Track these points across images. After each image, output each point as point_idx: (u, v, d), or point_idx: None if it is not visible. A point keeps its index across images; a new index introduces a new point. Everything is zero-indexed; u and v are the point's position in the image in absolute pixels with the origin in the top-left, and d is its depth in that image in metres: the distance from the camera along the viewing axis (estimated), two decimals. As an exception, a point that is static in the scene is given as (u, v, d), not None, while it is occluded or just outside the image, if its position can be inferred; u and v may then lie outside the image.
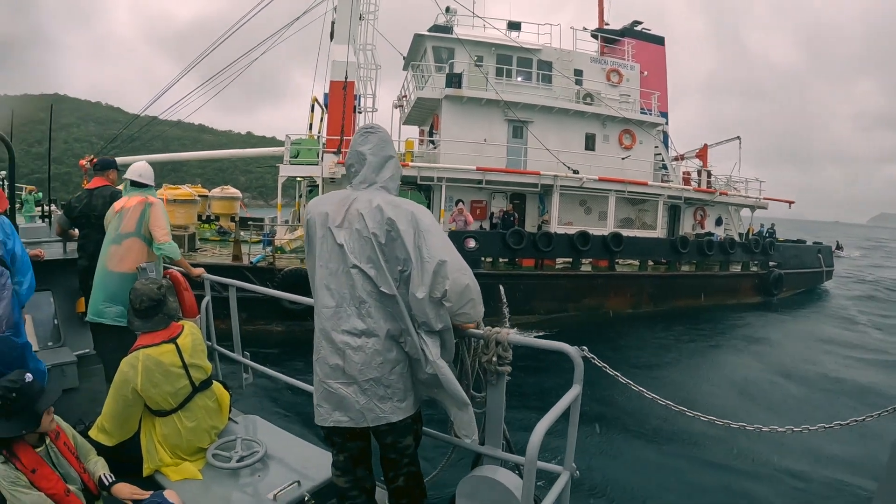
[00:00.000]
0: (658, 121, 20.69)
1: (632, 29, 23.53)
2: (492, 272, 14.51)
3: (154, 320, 3.00)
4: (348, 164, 2.33)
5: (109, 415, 2.89)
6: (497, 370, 2.26)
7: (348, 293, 2.14)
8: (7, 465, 2.21)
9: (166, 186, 16.59)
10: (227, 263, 13.32)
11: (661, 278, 17.17)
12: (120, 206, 3.99)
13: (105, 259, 3.91)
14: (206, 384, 3.13)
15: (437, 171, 16.03)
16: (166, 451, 2.91)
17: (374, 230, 2.11)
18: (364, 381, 2.10)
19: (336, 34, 16.69)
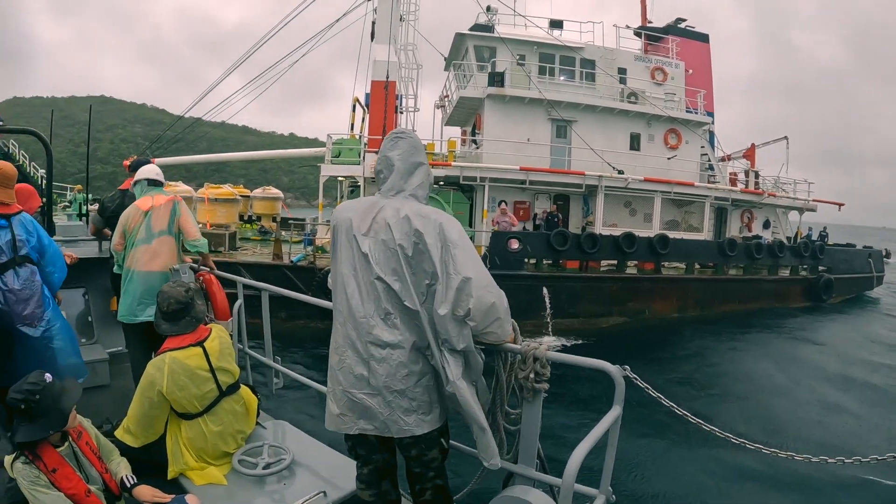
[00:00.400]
0: (704, 120, 20.08)
1: (675, 26, 22.95)
2: (535, 274, 14.24)
3: (181, 323, 2.97)
4: (377, 170, 2.26)
5: (135, 417, 2.88)
6: (534, 387, 2.16)
7: (373, 304, 2.08)
8: (28, 465, 2.20)
9: (208, 186, 16.82)
10: (268, 262, 13.39)
11: (707, 282, 16.63)
12: (148, 206, 3.97)
13: (135, 259, 3.90)
14: (234, 388, 3.08)
15: (479, 172, 15.81)
16: (191, 454, 2.88)
17: (401, 241, 2.04)
18: (389, 393, 2.05)
19: (376, 34, 16.65)
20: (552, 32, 18.97)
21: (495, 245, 13.67)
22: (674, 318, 15.70)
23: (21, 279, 3.20)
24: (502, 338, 2.15)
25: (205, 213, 15.81)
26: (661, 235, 15.55)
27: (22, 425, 2.22)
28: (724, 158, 22.58)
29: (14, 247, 3.19)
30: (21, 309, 3.17)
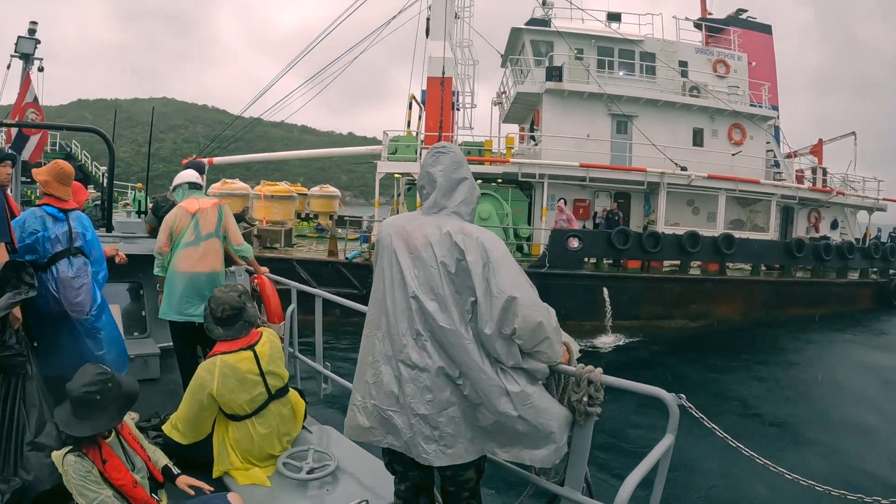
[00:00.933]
0: (770, 114, 19.21)
1: (737, 17, 22.06)
2: (595, 273, 13.87)
3: (234, 328, 2.99)
4: (420, 186, 2.23)
5: (184, 417, 2.94)
6: (587, 410, 2.12)
7: (406, 323, 2.06)
8: (82, 458, 2.20)
9: (264, 183, 17.06)
10: (322, 259, 13.44)
11: (773, 284, 15.87)
12: (195, 208, 4.04)
13: (182, 260, 3.97)
14: (283, 392, 3.10)
15: (538, 169, 15.48)
16: (237, 455, 2.91)
17: (443, 259, 2.01)
18: (412, 415, 2.02)
19: (431, 30, 16.53)
20: (610, 25, 18.48)
21: (554, 244, 13.35)
22: (738, 321, 15.03)
23: (74, 268, 3.36)
24: (553, 358, 2.08)
25: (261, 210, 16.04)
26: (725, 235, 14.90)
27: (90, 417, 2.23)
28: (790, 155, 21.58)
29: (70, 238, 3.39)
30: (73, 296, 3.31)
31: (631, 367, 11.61)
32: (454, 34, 16.70)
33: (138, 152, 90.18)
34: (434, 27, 16.34)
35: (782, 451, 7.41)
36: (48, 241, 3.31)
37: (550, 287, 13.29)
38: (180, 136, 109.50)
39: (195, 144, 21.25)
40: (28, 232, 3.28)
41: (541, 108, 17.13)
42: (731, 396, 9.90)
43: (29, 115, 12.24)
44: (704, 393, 9.91)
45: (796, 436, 8.40)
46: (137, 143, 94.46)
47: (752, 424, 8.64)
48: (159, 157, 69.44)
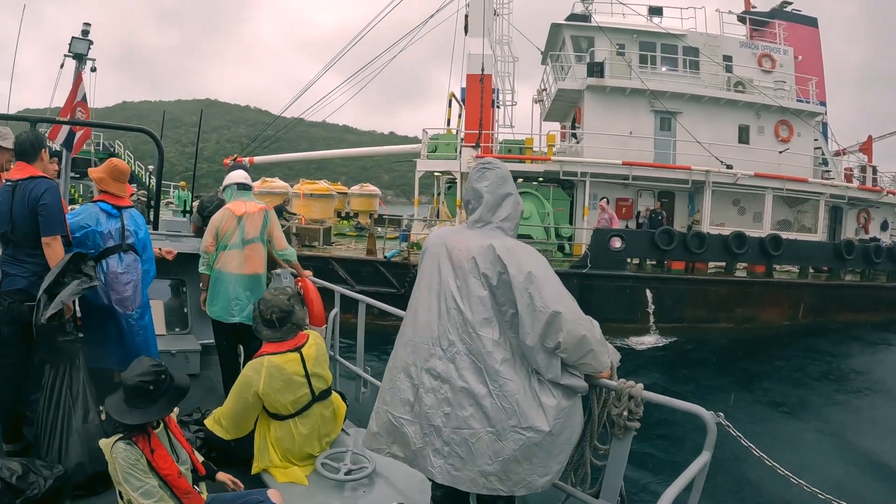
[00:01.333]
0: (817, 110, 18.55)
1: (781, 10, 21.32)
2: (638, 274, 13.54)
3: (283, 330, 3.05)
4: (465, 201, 2.27)
5: (228, 413, 3.01)
6: (626, 425, 2.16)
7: (438, 332, 2.08)
8: (131, 446, 2.25)
9: (303, 182, 17.11)
10: (361, 257, 13.39)
11: (822, 288, 15.27)
12: (242, 211, 4.08)
13: (227, 262, 4.04)
14: (326, 394, 3.16)
15: (580, 167, 15.20)
16: (277, 453, 2.96)
17: (486, 271, 2.03)
18: (427, 425, 2.03)
19: (470, 27, 16.35)
20: (651, 19, 18.05)
21: (596, 243, 13.08)
22: (784, 326, 14.54)
23: (124, 264, 3.45)
24: (598, 369, 2.11)
25: (300, 209, 16.10)
26: (773, 236, 14.39)
27: (143, 407, 2.30)
28: (838, 153, 20.84)
29: (122, 235, 3.47)
30: (121, 291, 3.41)
31: (672, 370, 11.35)
32: (493, 31, 16.48)
33: (182, 153, 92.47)
34: (472, 24, 16.16)
35: (825, 465, 7.16)
36: (99, 236, 3.40)
37: (592, 288, 13.08)
38: (223, 136, 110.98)
39: (237, 144, 21.58)
40: (79, 226, 3.37)
41: (582, 104, 16.82)
42: (773, 404, 9.57)
43: (78, 114, 12.60)
44: (747, 400, 9.66)
45: (840, 449, 7.99)
46: (181, 144, 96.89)
47: (793, 433, 8.36)
48: (203, 157, 70.70)
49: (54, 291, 2.89)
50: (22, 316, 2.98)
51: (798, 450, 7.49)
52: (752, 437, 2.27)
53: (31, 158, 3.15)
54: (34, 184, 3.03)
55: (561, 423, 1.99)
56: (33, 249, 3.05)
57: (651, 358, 12.07)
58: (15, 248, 3.08)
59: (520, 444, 1.94)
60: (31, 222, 3.00)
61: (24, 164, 3.14)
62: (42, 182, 3.06)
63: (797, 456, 6.88)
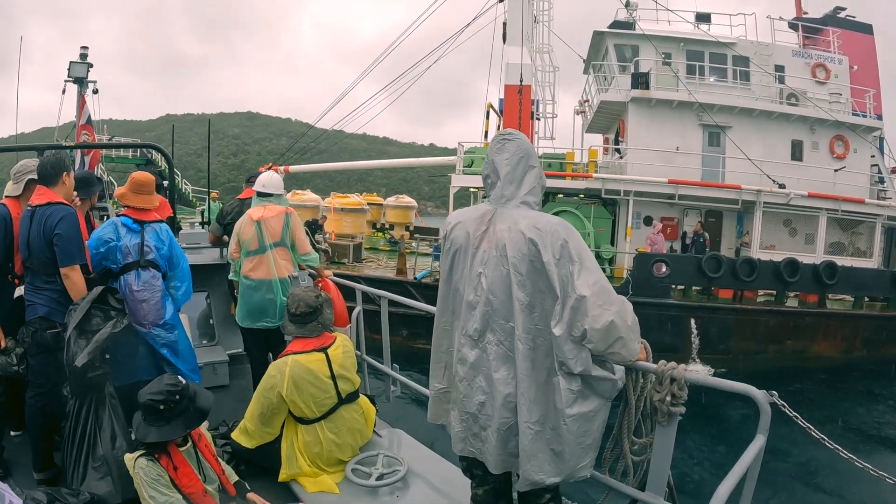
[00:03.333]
0: (876, 124, 17.43)
1: (834, 16, 20.06)
2: (683, 303, 12.74)
3: (308, 327, 3.01)
4: (484, 175, 2.16)
5: (253, 416, 2.94)
6: (670, 410, 2.02)
7: (468, 322, 2.02)
8: (153, 462, 2.28)
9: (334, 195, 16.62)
10: (390, 277, 12.81)
11: (879, 319, 14.25)
12: (258, 216, 4.06)
13: (248, 267, 4.03)
14: (353, 397, 3.09)
15: (623, 184, 14.37)
16: (306, 459, 2.87)
17: (514, 259, 1.93)
18: (466, 413, 2.04)
19: (508, 35, 15.58)
20: (699, 27, 17.06)
21: (640, 268, 12.33)
22: (838, 360, 13.65)
23: (141, 280, 3.36)
24: (629, 358, 1.99)
25: (331, 223, 15.58)
26: (828, 263, 13.44)
27: (156, 425, 2.33)
28: (895, 170, 19.62)
29: (141, 250, 3.39)
30: (136, 308, 3.32)
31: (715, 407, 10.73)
32: (533, 39, 15.69)
33: (225, 164, 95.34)
34: (511, 32, 15.39)
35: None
36: (119, 252, 3.36)
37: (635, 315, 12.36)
38: (265, 147, 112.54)
39: (279, 156, 21.50)
40: (102, 241, 3.36)
41: (626, 117, 15.94)
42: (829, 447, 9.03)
43: (84, 137, 12.64)
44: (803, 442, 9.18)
45: None
46: (224, 156, 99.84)
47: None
48: (245, 168, 72.62)
49: (84, 328, 2.85)
50: (45, 343, 2.99)
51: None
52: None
53: (51, 182, 3.09)
54: (51, 211, 2.98)
55: (577, 429, 1.91)
56: (50, 276, 3.04)
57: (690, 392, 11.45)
58: (33, 275, 3.08)
59: (529, 439, 1.91)
60: (47, 250, 2.98)
61: (45, 188, 3.08)
62: (59, 209, 3.00)
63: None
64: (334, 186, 24.85)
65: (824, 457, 1.87)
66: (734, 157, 15.14)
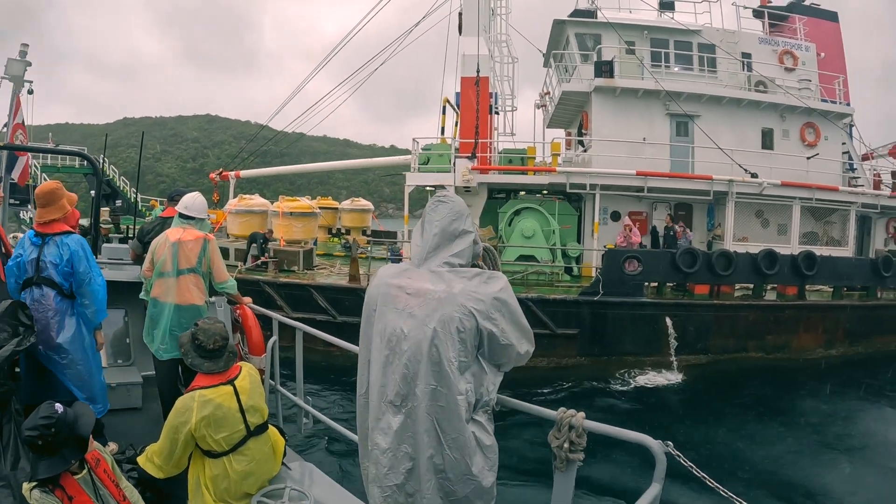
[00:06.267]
0: (846, 111, 17.09)
1: (800, 4, 19.78)
2: (658, 301, 11.98)
3: (223, 360, 2.90)
4: (413, 235, 2.14)
5: (161, 452, 2.81)
6: (567, 457, 2.00)
7: (398, 387, 1.90)
8: (47, 494, 2.21)
9: (283, 199, 15.55)
10: (343, 285, 11.81)
11: (860, 309, 13.71)
12: (176, 238, 3.95)
13: (162, 290, 3.90)
14: (262, 429, 2.97)
15: (589, 178, 13.58)
16: (211, 493, 2.78)
17: (444, 319, 1.84)
18: (392, 488, 1.92)
19: (464, 26, 14.76)
20: (662, 14, 16.49)
21: (610, 266, 11.53)
22: (819, 353, 13.03)
23: (32, 298, 3.24)
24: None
25: (279, 229, 14.51)
26: (807, 253, 12.82)
27: (42, 460, 2.24)
28: (865, 157, 19.27)
29: (37, 266, 3.27)
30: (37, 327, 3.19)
31: (696, 406, 10.15)
32: (490, 30, 14.91)
33: (183, 168, 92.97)
34: (467, 22, 14.58)
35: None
36: (23, 266, 3.28)
37: (606, 318, 11.59)
38: (224, 151, 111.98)
39: (239, 160, 20.53)
40: (15, 255, 3.34)
41: (589, 108, 15.21)
42: (813, 442, 8.66)
43: (18, 137, 11.70)
44: (788, 439, 8.64)
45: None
46: (182, 160, 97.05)
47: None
48: (204, 172, 71.38)
49: None
50: None
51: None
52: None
53: None
54: None
55: (492, 463, 1.93)
56: None
57: (672, 393, 10.74)
58: None
59: (471, 488, 1.88)
60: None
61: None
62: None
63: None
64: (295, 190, 24.04)
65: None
66: (703, 146, 14.53)
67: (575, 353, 11.61)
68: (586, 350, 11.54)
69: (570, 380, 11.04)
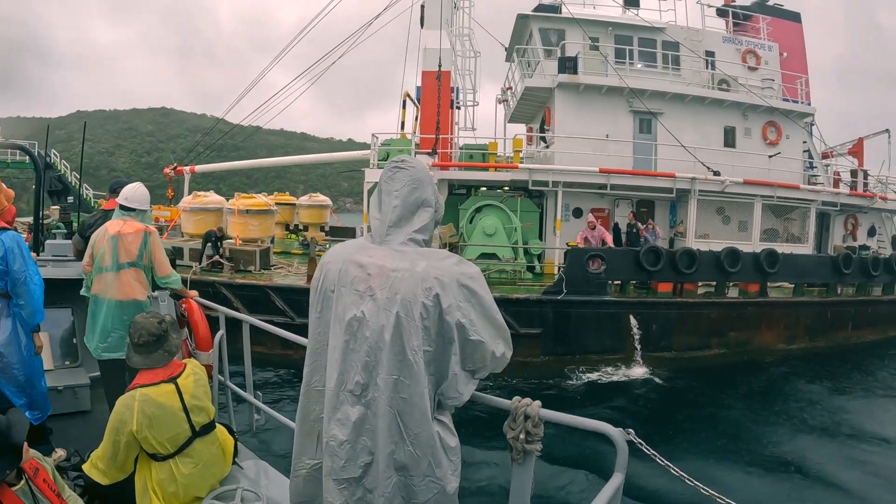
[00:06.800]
0: (808, 110, 17.23)
1: (764, 3, 19.97)
2: (622, 299, 11.83)
3: (153, 357, 2.78)
4: (371, 208, 1.91)
5: (104, 456, 2.72)
6: (524, 448, 1.92)
7: (358, 376, 1.72)
8: None
9: (238, 195, 14.94)
10: (300, 286, 11.36)
11: (820, 306, 13.85)
12: (115, 231, 3.83)
13: (102, 286, 3.77)
14: (208, 428, 2.85)
15: (552, 175, 13.34)
16: (160, 498, 2.67)
17: (408, 302, 1.65)
18: (348, 481, 1.75)
19: (426, 19, 14.41)
20: (627, 11, 16.40)
21: (573, 264, 11.32)
22: (780, 349, 13.10)
23: None
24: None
25: (235, 227, 13.92)
26: (769, 251, 12.87)
27: None
28: (825, 155, 19.54)
29: None
30: None
31: (660, 402, 10.12)
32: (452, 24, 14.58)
33: (138, 162, 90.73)
34: (429, 15, 14.23)
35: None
36: None
37: (569, 316, 11.39)
38: (179, 145, 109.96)
39: (194, 154, 19.78)
40: None
41: (552, 104, 15.00)
42: (771, 433, 8.73)
43: None
44: (747, 433, 8.66)
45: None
46: (137, 154, 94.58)
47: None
48: (158, 167, 69.58)
49: None
50: None
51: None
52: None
53: None
54: None
55: (457, 464, 1.81)
56: None
57: (640, 392, 10.59)
58: None
59: (434, 493, 1.74)
60: None
61: None
62: None
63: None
64: (251, 184, 23.47)
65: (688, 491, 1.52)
66: (667, 144, 14.46)
67: (539, 352, 11.37)
68: (550, 349, 11.32)
69: (533, 379, 10.82)
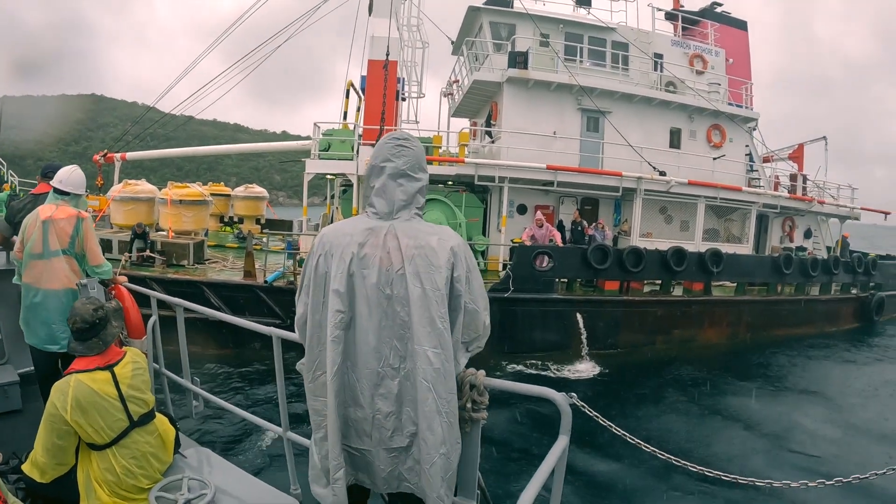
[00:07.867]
0: (753, 115, 17.68)
1: (712, 10, 20.45)
2: (568, 297, 11.68)
3: (87, 344, 2.73)
4: (369, 176, 1.92)
5: (42, 446, 2.62)
6: (471, 417, 1.96)
7: (383, 349, 1.79)
8: None
9: (172, 185, 14.04)
10: (237, 281, 10.75)
11: (761, 304, 14.16)
12: (47, 216, 3.68)
13: (33, 274, 3.62)
14: (147, 419, 2.80)
15: (498, 171, 13.08)
16: (104, 490, 2.60)
17: (430, 275, 1.75)
18: (397, 451, 1.84)
19: (375, 6, 13.94)
20: (578, 9, 16.38)
21: (520, 262, 11.08)
22: (723, 345, 13.32)
23: None
24: (480, 349, 2.00)
25: (168, 218, 13.05)
26: (714, 251, 13.03)
27: None
28: (766, 159, 20.09)
29: None
30: None
31: (605, 394, 10.16)
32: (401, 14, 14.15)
33: (65, 151, 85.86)
34: (378, 2, 13.74)
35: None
36: None
37: (516, 314, 11.14)
38: (109, 134, 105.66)
39: (124, 143, 18.50)
40: None
41: (500, 99, 14.75)
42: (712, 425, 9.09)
43: None
44: (700, 426, 8.91)
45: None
46: (64, 143, 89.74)
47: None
48: (88, 156, 65.96)
49: None
50: None
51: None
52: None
53: None
54: None
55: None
56: None
57: (584, 384, 10.53)
58: None
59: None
60: None
61: None
62: None
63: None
64: (183, 176, 22.38)
65: (631, 452, 1.58)
66: (613, 143, 14.44)
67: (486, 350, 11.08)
68: (496, 347, 11.05)
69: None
